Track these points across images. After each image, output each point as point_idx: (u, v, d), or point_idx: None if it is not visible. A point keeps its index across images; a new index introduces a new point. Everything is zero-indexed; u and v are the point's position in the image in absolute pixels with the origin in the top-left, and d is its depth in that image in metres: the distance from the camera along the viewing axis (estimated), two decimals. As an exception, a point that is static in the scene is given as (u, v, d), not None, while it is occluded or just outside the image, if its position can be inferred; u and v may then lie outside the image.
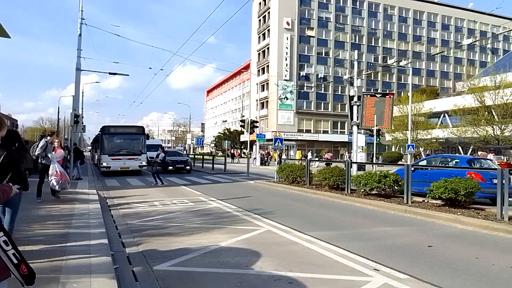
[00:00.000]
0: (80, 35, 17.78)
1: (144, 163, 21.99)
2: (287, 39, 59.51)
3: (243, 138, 59.53)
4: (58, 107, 47.22)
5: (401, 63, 43.85)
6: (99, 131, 23.09)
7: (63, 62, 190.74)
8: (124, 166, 21.36)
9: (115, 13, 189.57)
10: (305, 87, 60.94)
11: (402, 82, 66.91)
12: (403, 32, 67.83)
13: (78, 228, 6.86)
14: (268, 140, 45.22)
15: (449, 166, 12.77)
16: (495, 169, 10.47)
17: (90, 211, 8.64)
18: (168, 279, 4.64)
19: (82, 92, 36.31)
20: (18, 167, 4.73)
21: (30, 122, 75.41)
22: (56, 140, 11.29)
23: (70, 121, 18.25)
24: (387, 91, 51.54)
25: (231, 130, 69.11)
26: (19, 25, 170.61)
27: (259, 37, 66.50)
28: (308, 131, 60.99)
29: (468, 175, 10.46)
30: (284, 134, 49.26)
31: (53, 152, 10.24)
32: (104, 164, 21.05)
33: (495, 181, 9.29)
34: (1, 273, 2.41)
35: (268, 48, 62.71)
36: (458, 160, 13.31)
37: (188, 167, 24.28)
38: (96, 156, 29.59)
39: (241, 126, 30.97)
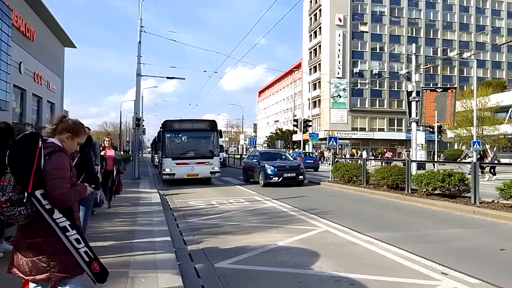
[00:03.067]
0: (139, 42, 18.73)
1: (217, 169, 16.77)
2: (339, 35, 58.34)
3: (295, 137, 59.22)
4: (120, 112, 50.26)
5: (464, 55, 41.29)
6: (160, 128, 17.61)
7: (123, 69, 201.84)
8: (192, 173, 16.32)
9: (170, 19, 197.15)
10: (359, 84, 59.33)
11: (465, 75, 62.92)
12: (465, 22, 63.74)
13: (143, 225, 7.22)
14: (321, 139, 44.60)
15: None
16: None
17: (153, 210, 9.06)
18: (229, 276, 4.73)
19: (142, 97, 38.14)
20: (90, 168, 5.08)
21: (95, 126, 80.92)
22: (107, 139, 10.03)
23: (132, 124, 19.27)
24: (448, 85, 48.81)
25: (283, 130, 69.02)
26: (84, 36, 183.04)
27: (310, 35, 65.83)
28: (362, 129, 59.34)
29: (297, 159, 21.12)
30: (337, 133, 48.33)
31: None
32: (167, 170, 16.22)
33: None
34: (73, 270, 2.59)
35: (319, 46, 61.89)
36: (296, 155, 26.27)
37: (301, 177, 16.10)
38: (156, 158, 27.02)
39: (294, 125, 30.86)
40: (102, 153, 9.01)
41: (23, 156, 2.52)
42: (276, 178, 15.51)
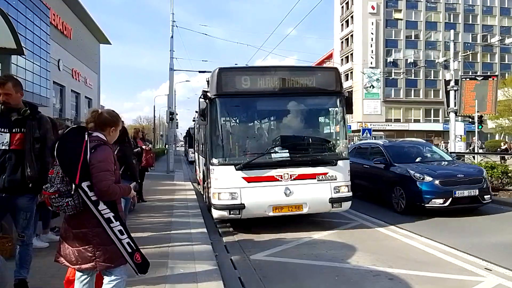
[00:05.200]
0: (172, 37, 19.00)
1: (345, 189, 6.82)
2: (372, 24, 56.80)
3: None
4: (154, 106, 51.25)
5: (506, 41, 39.16)
6: (205, 92, 6.84)
7: (155, 64, 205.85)
8: (288, 203, 6.55)
9: (201, 13, 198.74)
10: (393, 74, 57.64)
11: (506, 62, 59.81)
12: (506, 6, 60.35)
13: (179, 217, 7.38)
14: (353, 131, 43.88)
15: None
16: None
17: (188, 202, 9.23)
18: (265, 268, 4.76)
19: (174, 91, 38.83)
20: (129, 161, 5.22)
21: (130, 120, 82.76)
22: (134, 130, 8.84)
23: (166, 119, 19.65)
24: (489, 73, 46.61)
25: (315, 121, 68.34)
26: (117, 32, 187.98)
27: (342, 24, 64.48)
28: (397, 120, 57.78)
29: None
30: (370, 125, 47.30)
31: None
32: (224, 196, 6.44)
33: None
34: (117, 260, 2.68)
35: (351, 36, 60.53)
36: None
37: (487, 198, 7.99)
38: (191, 153, 22.32)
39: (326, 117, 30.39)
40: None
41: (70, 148, 2.63)
42: (440, 201, 7.65)
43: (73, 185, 2.58)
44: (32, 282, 3.62)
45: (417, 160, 9.25)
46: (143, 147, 8.65)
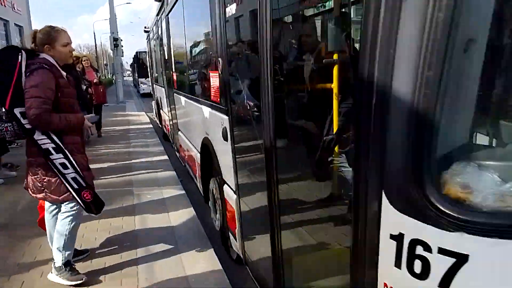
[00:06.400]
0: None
1: None
2: None
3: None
4: (94, 33, 47.24)
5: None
6: None
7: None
8: None
9: None
10: None
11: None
12: None
13: (138, 147, 7.30)
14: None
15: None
16: None
17: (145, 132, 9.06)
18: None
19: (115, 15, 35.87)
20: (80, 90, 4.91)
21: (69, 50, 75.84)
22: (85, 59, 7.80)
23: (110, 46, 18.34)
24: None
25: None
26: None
27: None
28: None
29: None
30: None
31: None
32: None
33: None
34: (61, 194, 2.53)
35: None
36: None
37: None
38: (142, 84, 20.86)
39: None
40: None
41: (1, 70, 2.37)
42: None
43: (4, 110, 2.39)
44: (1, 219, 3.54)
45: None
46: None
